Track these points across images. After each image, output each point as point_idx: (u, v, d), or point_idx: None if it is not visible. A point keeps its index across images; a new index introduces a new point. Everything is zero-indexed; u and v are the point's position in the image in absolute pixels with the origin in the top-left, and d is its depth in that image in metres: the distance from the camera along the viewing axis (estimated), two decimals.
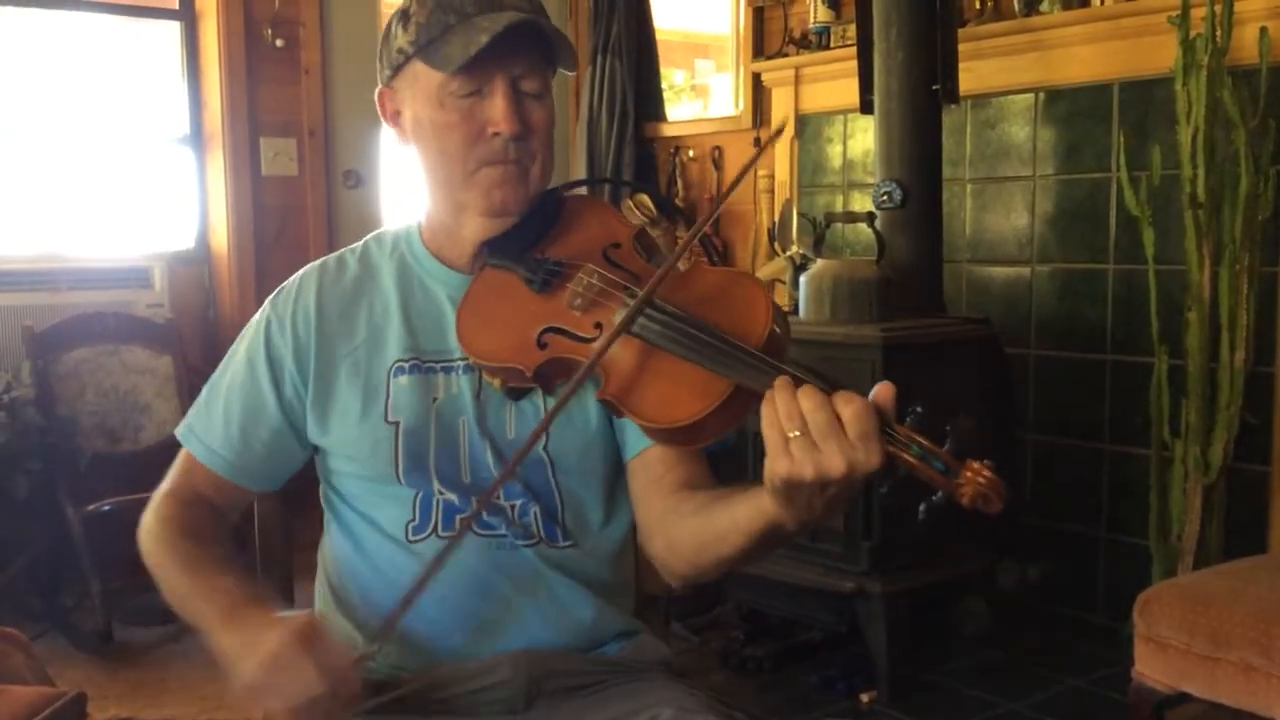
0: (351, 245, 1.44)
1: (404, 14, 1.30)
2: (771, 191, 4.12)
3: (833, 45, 3.87)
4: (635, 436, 1.31)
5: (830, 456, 0.97)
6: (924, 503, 0.99)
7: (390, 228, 1.45)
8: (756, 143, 4.19)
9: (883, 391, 1.00)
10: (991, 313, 3.36)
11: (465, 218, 1.33)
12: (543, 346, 1.22)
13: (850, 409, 0.98)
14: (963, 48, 3.23)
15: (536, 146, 1.30)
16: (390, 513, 1.32)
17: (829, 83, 3.83)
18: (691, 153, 4.49)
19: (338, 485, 1.37)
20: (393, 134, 1.36)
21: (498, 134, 1.27)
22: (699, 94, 6.08)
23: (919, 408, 1.00)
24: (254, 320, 1.39)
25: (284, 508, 1.50)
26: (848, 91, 3.47)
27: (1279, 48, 2.84)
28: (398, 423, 1.30)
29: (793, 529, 1.07)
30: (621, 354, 1.16)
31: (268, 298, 1.40)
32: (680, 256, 1.19)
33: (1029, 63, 3.39)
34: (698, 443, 1.15)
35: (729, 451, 1.25)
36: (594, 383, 1.18)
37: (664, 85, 4.76)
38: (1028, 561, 3.39)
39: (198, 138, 4.19)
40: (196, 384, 4.11)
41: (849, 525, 2.85)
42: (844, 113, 3.86)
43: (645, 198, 4.15)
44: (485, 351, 1.27)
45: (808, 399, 0.99)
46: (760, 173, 4.11)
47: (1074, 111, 3.34)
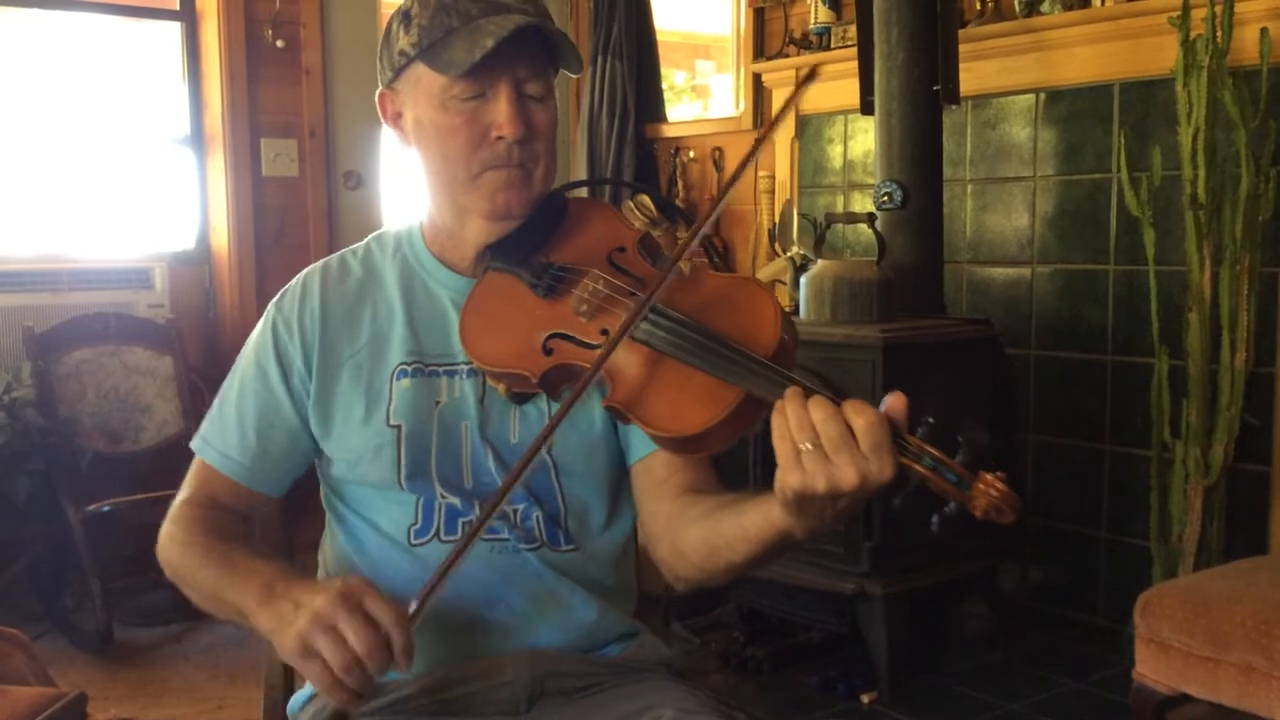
0: (353, 246, 1.43)
1: (405, 15, 1.29)
2: (772, 192, 4.12)
3: (833, 46, 3.87)
4: (639, 441, 1.31)
5: (842, 469, 0.96)
6: (937, 514, 0.98)
7: (391, 228, 1.44)
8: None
9: (894, 402, 0.99)
10: (992, 313, 3.36)
11: (468, 220, 1.33)
12: (548, 352, 1.21)
13: (862, 420, 0.97)
14: (963, 48, 3.23)
15: (540, 149, 1.29)
16: (392, 515, 1.31)
17: (829, 83, 3.83)
18: (692, 153, 4.48)
19: (339, 487, 1.37)
20: (393, 135, 1.36)
21: (501, 137, 1.26)
22: (699, 95, 6.08)
23: (930, 419, 0.99)
24: (258, 326, 1.39)
25: (284, 509, 1.49)
26: (848, 92, 3.47)
27: (1279, 48, 2.85)
28: (400, 426, 1.30)
29: (802, 538, 1.07)
30: (628, 360, 1.15)
31: (270, 302, 1.40)
32: (682, 255, 1.18)
33: (1029, 63, 3.39)
34: (704, 450, 1.14)
35: (730, 452, 1.25)
36: (600, 389, 1.17)
37: (664, 86, 4.76)
38: (1028, 563, 3.39)
39: (198, 138, 4.19)
40: (197, 384, 4.11)
41: (849, 527, 2.85)
42: (844, 113, 3.86)
43: (646, 199, 4.15)
44: (489, 356, 1.26)
45: (819, 410, 0.98)
46: (761, 173, 4.12)
47: (1074, 112, 3.33)
